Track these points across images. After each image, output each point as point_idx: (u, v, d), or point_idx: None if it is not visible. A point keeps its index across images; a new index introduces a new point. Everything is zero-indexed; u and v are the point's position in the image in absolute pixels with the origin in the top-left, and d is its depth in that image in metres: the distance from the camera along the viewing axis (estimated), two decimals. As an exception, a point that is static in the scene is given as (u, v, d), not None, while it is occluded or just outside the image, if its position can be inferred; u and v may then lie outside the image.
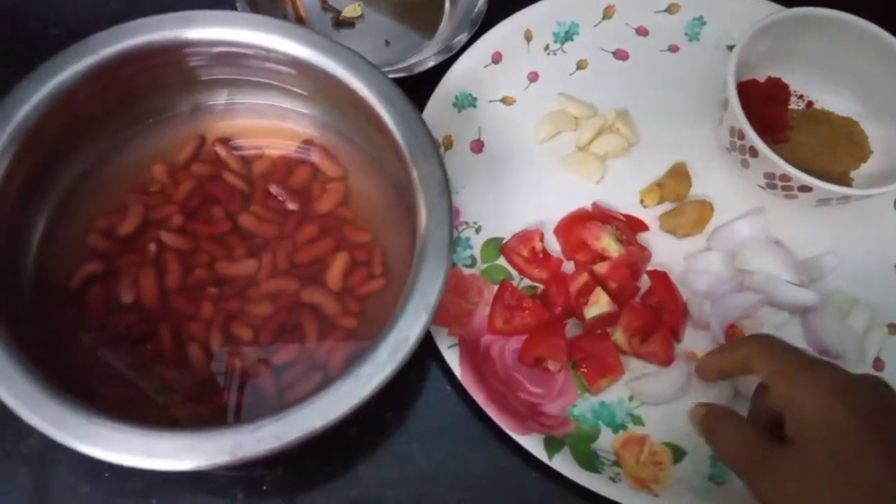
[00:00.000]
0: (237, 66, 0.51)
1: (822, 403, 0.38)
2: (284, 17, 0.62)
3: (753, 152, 0.53)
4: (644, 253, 0.54)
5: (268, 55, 0.49)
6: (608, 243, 0.52)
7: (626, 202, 0.57)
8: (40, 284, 0.47)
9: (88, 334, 0.47)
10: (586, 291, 0.51)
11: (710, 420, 0.44)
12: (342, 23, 0.63)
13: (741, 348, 0.44)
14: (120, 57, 0.46)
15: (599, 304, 0.50)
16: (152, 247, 0.49)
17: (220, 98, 0.54)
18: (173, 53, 0.48)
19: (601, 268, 0.52)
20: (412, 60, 0.58)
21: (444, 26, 0.63)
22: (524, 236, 0.54)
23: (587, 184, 0.58)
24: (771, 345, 0.43)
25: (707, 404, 0.45)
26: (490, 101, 0.60)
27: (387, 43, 0.62)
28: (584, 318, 0.51)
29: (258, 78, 0.52)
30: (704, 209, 0.56)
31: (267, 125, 0.55)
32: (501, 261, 0.55)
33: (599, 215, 0.55)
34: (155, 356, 0.47)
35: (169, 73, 0.50)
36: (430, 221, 0.45)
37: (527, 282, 0.54)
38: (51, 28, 0.61)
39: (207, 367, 0.47)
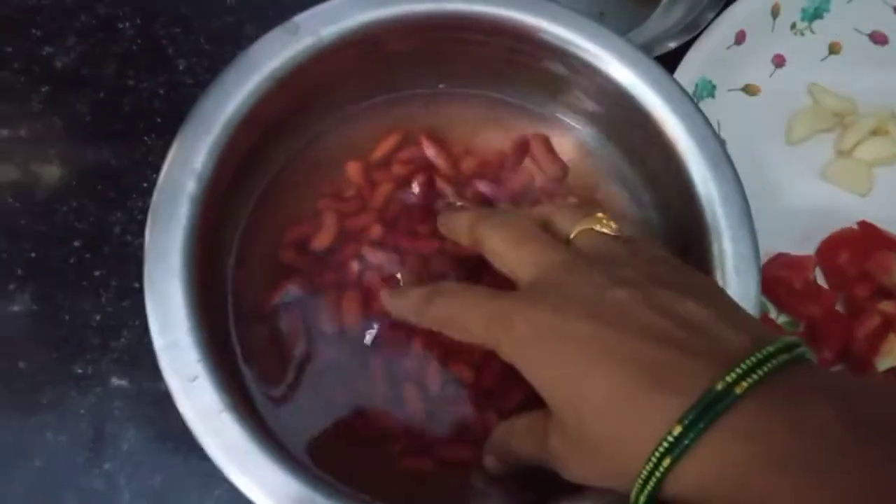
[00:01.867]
0: (455, 48, 0.41)
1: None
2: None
3: None
4: (933, 288, 0.44)
5: (530, 35, 0.39)
6: (906, 278, 0.43)
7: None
8: (237, 310, 0.39)
9: (291, 368, 0.39)
10: (877, 336, 0.42)
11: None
12: (548, -12, 0.53)
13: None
14: (347, 36, 0.37)
15: (894, 353, 0.41)
16: (355, 265, 0.41)
17: (422, 85, 0.44)
18: (402, 34, 0.39)
19: (889, 307, 0.43)
20: (643, 39, 0.48)
21: (669, -4, 0.53)
22: (794, 263, 0.44)
23: (850, 197, 0.48)
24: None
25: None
26: (730, 90, 0.50)
27: (601, 15, 0.52)
28: (870, 367, 0.42)
29: (479, 65, 0.42)
30: None
31: (475, 117, 0.45)
32: (754, 289, 0.45)
33: (874, 238, 0.46)
34: (367, 395, 0.39)
35: (377, 57, 0.41)
36: (736, 258, 0.36)
37: (784, 317, 0.45)
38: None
39: (425, 412, 0.39)
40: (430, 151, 0.43)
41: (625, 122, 0.41)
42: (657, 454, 0.23)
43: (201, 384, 0.31)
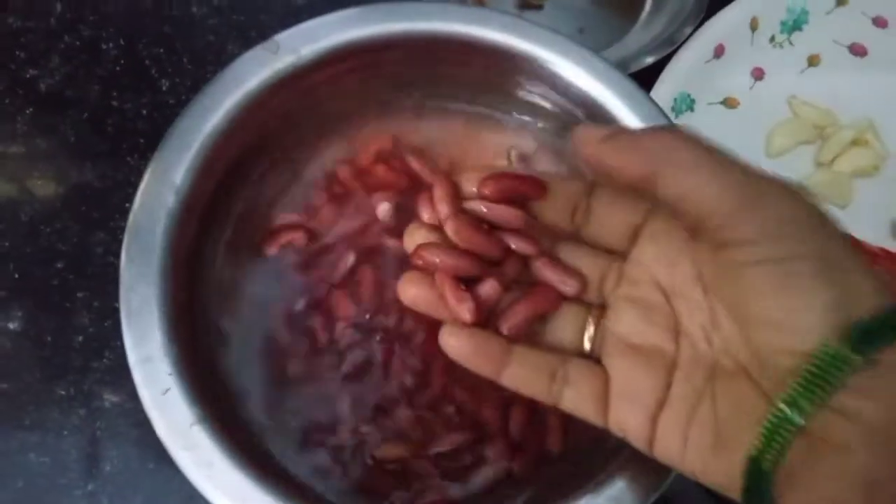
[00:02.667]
0: (439, 66, 0.42)
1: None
2: (462, -3, 0.52)
3: None
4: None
5: (506, 54, 0.40)
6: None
7: (875, 233, 0.48)
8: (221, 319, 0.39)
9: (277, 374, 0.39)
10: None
11: None
12: (528, 5, 0.53)
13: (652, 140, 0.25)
14: (327, 54, 0.38)
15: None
16: (349, 260, 0.40)
17: (406, 100, 0.45)
18: (376, 53, 0.39)
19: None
20: (621, 54, 0.49)
21: (649, 11, 0.53)
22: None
23: (831, 209, 0.48)
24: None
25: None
26: (709, 104, 0.51)
27: (580, 31, 0.53)
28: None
29: (459, 82, 0.43)
30: (980, 245, 0.46)
31: (458, 131, 0.45)
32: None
33: (854, 249, 0.46)
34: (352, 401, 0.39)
35: (358, 74, 0.41)
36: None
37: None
38: (193, 5, 0.52)
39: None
40: (416, 165, 0.43)
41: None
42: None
43: (173, 397, 0.31)
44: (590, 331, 0.29)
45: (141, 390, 0.31)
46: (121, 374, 0.43)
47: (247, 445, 0.35)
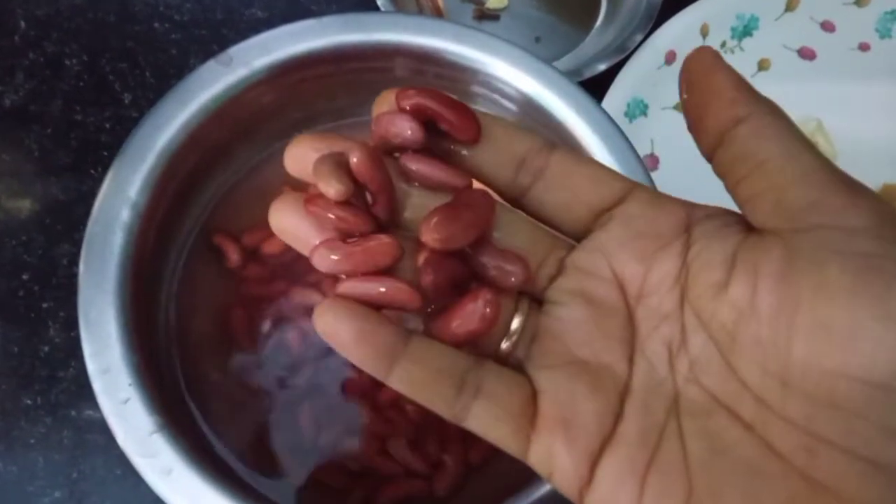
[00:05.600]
0: (394, 75, 0.43)
1: None
2: (420, 8, 0.54)
3: None
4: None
5: (459, 65, 0.41)
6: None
7: (826, 230, 0.49)
8: (181, 329, 0.40)
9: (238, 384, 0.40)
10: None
11: None
12: (485, 15, 0.54)
13: None
14: (279, 66, 0.38)
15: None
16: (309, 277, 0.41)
17: (362, 113, 0.46)
18: (330, 64, 0.40)
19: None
20: (575, 62, 0.50)
21: (602, 20, 0.55)
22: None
23: (781, 208, 0.50)
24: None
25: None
26: (663, 109, 0.52)
27: (537, 39, 0.54)
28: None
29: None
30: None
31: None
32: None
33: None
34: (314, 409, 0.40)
35: (313, 86, 0.42)
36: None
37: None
38: (156, 21, 0.52)
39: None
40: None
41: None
42: None
43: (133, 406, 0.32)
44: (514, 326, 0.22)
45: (101, 400, 0.32)
46: (86, 384, 0.42)
47: (205, 452, 0.36)
